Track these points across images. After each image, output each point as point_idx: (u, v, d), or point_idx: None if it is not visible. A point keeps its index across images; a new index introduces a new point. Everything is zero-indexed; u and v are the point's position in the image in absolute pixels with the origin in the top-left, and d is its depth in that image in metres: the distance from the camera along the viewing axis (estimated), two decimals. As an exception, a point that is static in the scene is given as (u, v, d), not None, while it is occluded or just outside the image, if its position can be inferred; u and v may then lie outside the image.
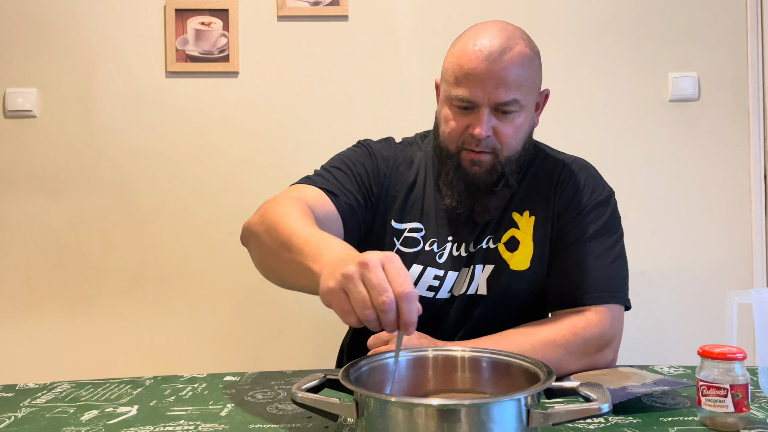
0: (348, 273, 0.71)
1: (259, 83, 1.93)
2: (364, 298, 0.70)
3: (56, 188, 1.91)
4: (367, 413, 0.67)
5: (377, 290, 0.69)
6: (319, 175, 1.16)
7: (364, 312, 0.70)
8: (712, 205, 1.94)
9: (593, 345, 1.05)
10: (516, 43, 1.07)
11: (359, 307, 0.70)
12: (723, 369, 0.80)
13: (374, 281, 0.69)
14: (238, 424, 0.86)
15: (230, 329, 1.93)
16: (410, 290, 0.69)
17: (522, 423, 0.64)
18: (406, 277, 0.70)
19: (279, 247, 0.92)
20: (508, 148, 1.11)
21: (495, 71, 1.05)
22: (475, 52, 1.06)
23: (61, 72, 1.91)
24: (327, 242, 0.84)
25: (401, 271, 0.70)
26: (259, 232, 0.99)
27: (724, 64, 1.94)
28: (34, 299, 1.91)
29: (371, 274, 0.70)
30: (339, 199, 1.11)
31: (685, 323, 1.93)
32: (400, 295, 0.69)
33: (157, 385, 1.07)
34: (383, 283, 0.69)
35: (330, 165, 1.19)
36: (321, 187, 1.11)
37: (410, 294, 0.69)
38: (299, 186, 1.13)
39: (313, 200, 1.07)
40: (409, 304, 0.69)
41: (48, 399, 1.00)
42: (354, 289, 0.70)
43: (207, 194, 1.93)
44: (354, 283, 0.70)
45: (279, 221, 0.95)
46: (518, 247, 1.17)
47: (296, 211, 0.98)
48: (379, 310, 0.69)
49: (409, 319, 0.69)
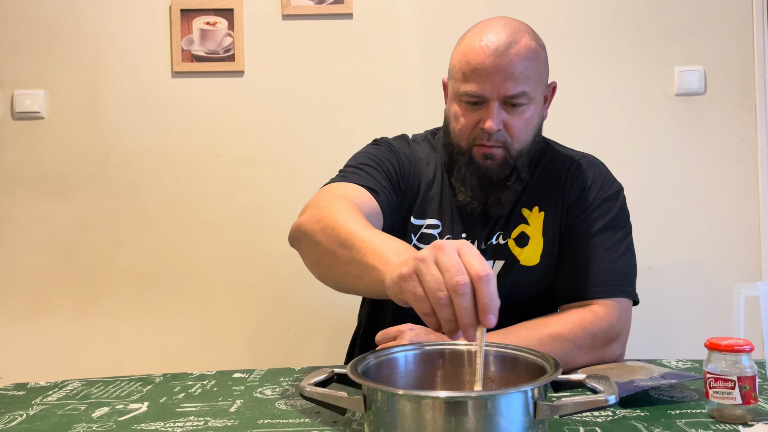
0: (421, 256, 0.68)
1: (264, 82, 1.94)
2: (438, 279, 0.65)
3: (65, 189, 1.93)
4: (375, 407, 0.67)
5: (452, 272, 0.65)
6: (353, 173, 1.14)
7: (436, 295, 0.65)
8: (720, 200, 1.93)
9: (601, 339, 1.05)
10: (522, 37, 1.08)
11: (432, 290, 0.65)
12: (730, 361, 0.80)
13: (448, 263, 0.65)
14: (247, 420, 0.87)
15: (238, 327, 1.94)
16: (489, 272, 0.64)
17: (529, 415, 0.65)
18: (483, 261, 0.66)
19: (338, 247, 0.88)
20: (519, 141, 1.11)
21: (502, 65, 1.06)
22: (481, 47, 1.07)
23: (68, 73, 1.93)
24: (389, 242, 0.82)
25: (478, 256, 0.66)
26: (314, 231, 0.95)
27: (731, 57, 1.93)
28: (44, 299, 1.92)
29: (446, 256, 0.66)
30: (380, 197, 1.10)
31: (692, 318, 1.92)
32: (478, 276, 0.64)
33: (166, 383, 1.08)
34: (458, 265, 0.65)
35: (359, 163, 1.17)
36: (361, 184, 1.10)
37: (488, 276, 0.64)
38: (339, 184, 1.11)
39: (357, 198, 1.06)
40: (488, 286, 0.64)
41: (59, 397, 1.01)
42: (427, 272, 0.66)
43: (214, 193, 1.94)
44: (427, 265, 0.67)
45: (337, 220, 0.91)
46: (528, 243, 1.17)
47: (351, 210, 0.95)
48: (452, 292, 0.64)
49: (488, 302, 0.64)
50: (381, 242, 0.82)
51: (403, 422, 0.65)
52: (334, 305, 1.88)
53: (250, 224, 1.93)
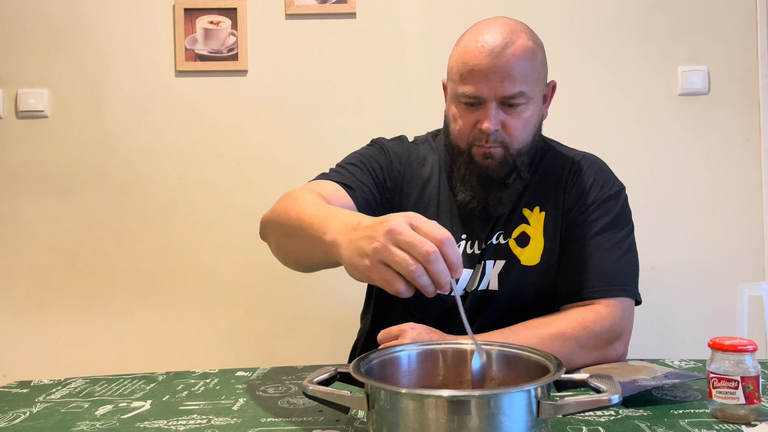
0: (379, 247, 0.71)
1: (268, 81, 1.94)
2: (405, 258, 0.69)
3: (69, 187, 1.93)
4: (378, 405, 0.67)
5: (416, 246, 0.69)
6: (335, 171, 1.18)
7: (409, 270, 0.69)
8: (723, 200, 1.93)
9: (603, 339, 1.05)
10: (518, 37, 1.08)
11: (404, 269, 0.69)
12: (734, 361, 0.80)
13: (409, 239, 0.69)
14: (250, 418, 0.87)
15: (241, 326, 1.94)
16: (448, 235, 0.70)
17: (532, 414, 0.65)
18: (437, 225, 0.71)
19: (291, 228, 0.94)
20: (518, 141, 1.11)
21: (499, 65, 1.06)
22: (478, 48, 1.07)
23: (72, 72, 1.93)
24: (335, 212, 0.85)
25: (429, 222, 0.71)
26: (272, 218, 1.03)
27: (735, 57, 1.93)
28: (47, 297, 1.93)
29: (403, 235, 0.70)
30: (356, 193, 1.12)
31: (695, 318, 1.92)
32: (441, 241, 0.69)
33: (169, 381, 1.08)
34: (419, 237, 0.69)
35: (344, 162, 1.21)
36: (337, 181, 1.13)
37: (449, 238, 0.70)
38: (315, 181, 1.15)
39: (328, 193, 1.08)
40: (453, 246, 0.70)
41: (63, 394, 1.01)
42: (392, 257, 0.70)
43: (217, 192, 1.94)
44: (389, 252, 0.70)
45: (290, 204, 0.98)
46: (529, 243, 1.17)
47: (310, 196, 1.00)
48: (424, 261, 0.69)
49: (457, 260, 0.70)
50: (327, 215, 0.85)
51: (406, 421, 0.65)
52: (337, 305, 1.88)
53: (253, 223, 1.91)
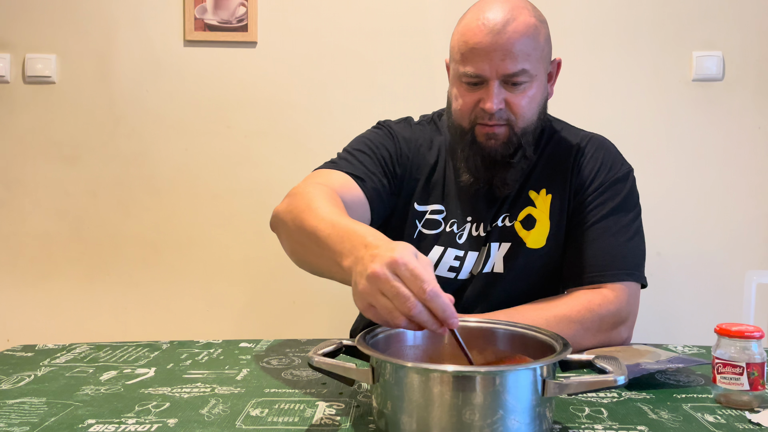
0: (364, 290, 0.69)
1: (277, 54, 1.92)
2: (390, 309, 0.68)
3: (75, 155, 1.92)
4: (383, 379, 0.67)
5: (398, 300, 0.67)
6: (344, 159, 1.15)
7: (396, 322, 0.68)
8: (732, 188, 1.91)
9: (608, 322, 1.05)
10: (519, 13, 1.06)
11: (391, 318, 0.68)
12: (740, 347, 0.79)
13: (392, 292, 0.67)
14: (254, 388, 0.88)
15: (244, 299, 1.95)
16: (431, 288, 0.66)
17: (537, 393, 0.65)
18: (422, 273, 0.67)
19: (305, 239, 0.90)
20: (523, 120, 1.09)
21: (500, 43, 1.04)
22: (479, 26, 1.05)
23: (80, 38, 1.91)
24: (349, 233, 0.80)
25: (415, 270, 0.67)
26: (286, 221, 0.97)
27: (750, 43, 1.90)
28: (52, 264, 1.93)
29: (385, 285, 0.67)
30: (366, 184, 1.11)
31: (699, 304, 1.91)
32: (423, 299, 0.66)
33: (173, 349, 1.08)
34: (401, 291, 0.66)
35: (353, 148, 1.18)
36: (347, 171, 1.11)
37: (432, 292, 0.66)
38: (325, 171, 1.12)
39: (340, 186, 1.06)
40: (436, 301, 0.66)
41: (67, 359, 1.02)
42: (377, 304, 0.69)
43: (224, 164, 1.94)
44: (375, 299, 0.69)
45: (305, 211, 0.92)
46: (535, 225, 1.16)
47: (323, 199, 0.95)
48: (408, 317, 0.67)
49: (443, 316, 0.67)
50: (342, 236, 0.81)
51: (411, 395, 0.65)
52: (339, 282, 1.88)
53: (259, 197, 1.93)
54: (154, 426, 0.74)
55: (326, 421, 0.76)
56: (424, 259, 0.70)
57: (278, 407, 0.80)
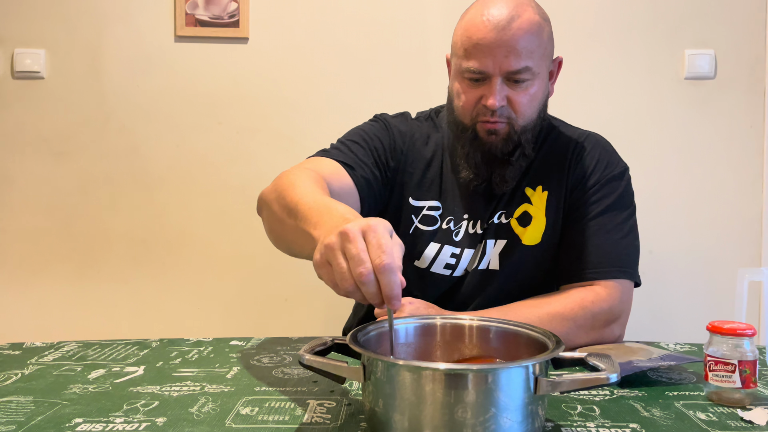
0: (330, 244, 0.68)
1: (268, 50, 1.91)
2: (343, 270, 0.66)
3: (64, 150, 1.91)
4: (375, 377, 0.67)
5: (354, 261, 0.65)
6: (336, 149, 1.15)
7: (343, 284, 0.67)
8: (724, 186, 1.92)
9: (601, 319, 1.05)
10: (524, 11, 1.05)
11: (339, 280, 0.67)
12: (732, 345, 0.79)
13: (352, 252, 0.66)
14: (244, 386, 0.87)
15: (235, 297, 1.94)
16: (388, 261, 0.64)
17: (530, 391, 0.64)
18: (388, 246, 0.66)
19: (286, 215, 0.90)
20: (524, 117, 1.09)
21: (504, 39, 1.03)
22: (483, 22, 1.05)
23: (70, 33, 1.89)
24: (329, 208, 0.81)
25: (382, 240, 0.66)
26: (269, 200, 0.98)
27: (742, 42, 1.91)
28: (41, 261, 1.91)
29: (350, 244, 0.66)
30: (356, 172, 1.10)
31: (691, 302, 1.92)
32: (378, 267, 0.65)
33: (163, 347, 1.07)
34: (361, 254, 0.65)
35: (346, 138, 1.18)
36: (337, 159, 1.10)
37: (388, 265, 0.64)
38: (315, 158, 1.12)
39: (329, 173, 1.06)
40: (388, 276, 0.65)
41: (55, 357, 1.01)
42: (334, 261, 0.67)
43: (215, 161, 1.92)
44: (334, 255, 0.67)
45: (288, 188, 0.93)
46: (531, 222, 1.16)
47: (307, 179, 0.96)
48: (357, 282, 0.66)
49: (388, 292, 0.65)
50: (321, 210, 0.81)
51: (402, 393, 0.64)
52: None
53: (251, 194, 1.89)
54: (143, 425, 0.73)
55: (317, 419, 0.75)
56: (397, 240, 0.69)
57: (269, 406, 0.79)
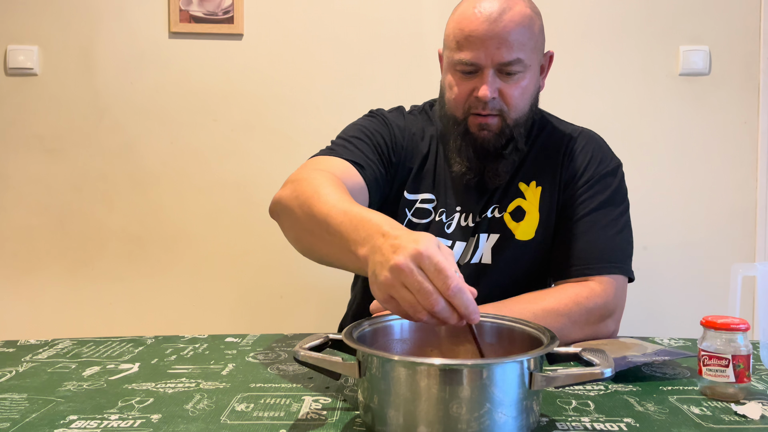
0: (386, 281, 0.68)
1: (263, 46, 1.91)
2: (412, 303, 0.67)
3: (58, 147, 1.90)
4: (370, 373, 0.67)
5: (421, 295, 0.66)
6: (341, 146, 1.13)
7: (416, 315, 0.67)
8: (718, 181, 1.93)
9: (596, 315, 1.05)
10: (515, 3, 1.06)
11: (412, 312, 0.68)
12: (725, 339, 0.80)
13: (415, 286, 0.66)
14: (239, 383, 0.87)
15: (230, 293, 1.94)
16: (454, 284, 0.65)
17: (524, 386, 0.64)
18: (446, 267, 0.66)
19: (315, 225, 0.87)
20: (516, 110, 1.10)
21: (496, 31, 1.04)
22: (475, 14, 1.05)
23: (63, 29, 1.88)
24: (363, 221, 0.78)
25: (441, 265, 0.66)
26: (292, 208, 0.94)
27: (736, 38, 1.91)
28: (35, 258, 1.91)
29: (408, 278, 0.66)
30: (366, 172, 1.09)
31: (686, 297, 1.93)
32: (446, 294, 0.66)
33: (158, 345, 1.07)
34: (424, 285, 0.65)
35: (349, 135, 1.16)
36: (347, 158, 1.09)
37: (455, 288, 0.65)
38: (324, 158, 1.10)
39: (341, 172, 1.04)
40: (459, 297, 0.66)
41: (50, 355, 1.01)
42: (398, 296, 0.68)
43: (210, 158, 1.92)
44: (396, 291, 0.67)
45: (312, 197, 0.90)
46: (524, 217, 1.16)
47: (330, 185, 0.93)
48: (431, 313, 0.67)
49: (465, 311, 0.66)
50: (356, 225, 0.79)
51: (397, 389, 0.64)
52: (327, 275, 1.85)
53: (245, 190, 1.91)
54: (138, 422, 0.73)
55: (312, 415, 0.75)
56: (447, 251, 0.69)
57: (264, 402, 0.79)
